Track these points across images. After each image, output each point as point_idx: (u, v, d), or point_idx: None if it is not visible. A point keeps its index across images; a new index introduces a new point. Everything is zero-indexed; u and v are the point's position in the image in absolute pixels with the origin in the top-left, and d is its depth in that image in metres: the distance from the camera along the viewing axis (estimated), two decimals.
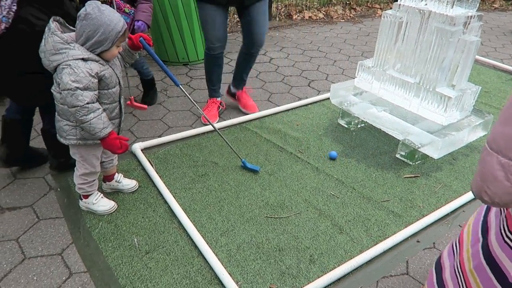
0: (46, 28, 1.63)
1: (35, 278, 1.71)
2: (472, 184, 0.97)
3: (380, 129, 2.84)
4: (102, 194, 2.07)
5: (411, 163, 2.53)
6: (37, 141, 2.60)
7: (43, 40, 1.64)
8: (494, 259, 1.05)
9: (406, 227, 2.02)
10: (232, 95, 3.16)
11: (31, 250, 1.84)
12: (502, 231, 1.03)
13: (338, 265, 1.79)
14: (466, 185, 2.34)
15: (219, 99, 3.07)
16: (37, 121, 2.28)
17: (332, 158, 2.55)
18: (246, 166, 2.39)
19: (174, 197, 2.13)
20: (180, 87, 2.21)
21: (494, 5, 6.81)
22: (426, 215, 2.09)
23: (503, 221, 1.04)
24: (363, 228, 2.01)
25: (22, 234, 1.92)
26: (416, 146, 2.45)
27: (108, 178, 2.15)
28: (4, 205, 2.09)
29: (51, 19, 1.66)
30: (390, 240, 1.92)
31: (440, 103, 2.46)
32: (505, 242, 1.01)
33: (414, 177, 2.42)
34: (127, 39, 1.86)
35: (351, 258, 1.82)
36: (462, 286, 1.16)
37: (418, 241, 1.96)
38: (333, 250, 1.88)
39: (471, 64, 2.47)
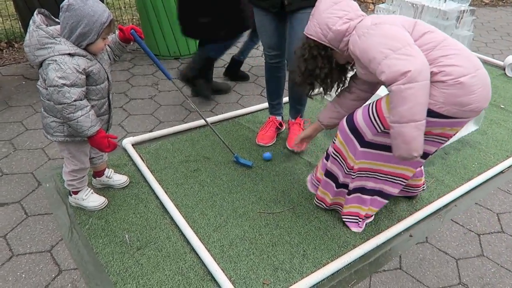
0: (31, 21, 1.58)
1: (23, 275, 1.67)
2: (399, 153, 1.56)
3: None
4: (92, 190, 2.04)
5: None
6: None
7: (27, 34, 1.59)
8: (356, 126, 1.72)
9: (398, 221, 2.02)
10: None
11: (19, 247, 1.80)
12: (370, 110, 1.68)
13: (332, 260, 1.78)
14: (458, 179, 2.35)
15: (278, 118, 2.69)
16: None
17: (267, 160, 2.44)
18: (239, 161, 2.37)
19: (165, 193, 2.10)
20: (172, 81, 2.18)
21: (485, 1, 6.85)
22: (419, 210, 2.10)
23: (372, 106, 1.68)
24: None
25: (10, 231, 1.88)
26: None
27: (98, 173, 2.12)
28: None
29: (36, 12, 1.60)
30: (383, 235, 1.92)
31: None
32: (369, 115, 1.68)
33: None
34: (117, 31, 1.82)
35: (345, 253, 1.81)
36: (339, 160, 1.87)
37: (411, 236, 1.96)
38: (327, 245, 1.88)
39: None
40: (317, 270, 1.72)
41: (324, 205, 2.04)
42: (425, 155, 1.77)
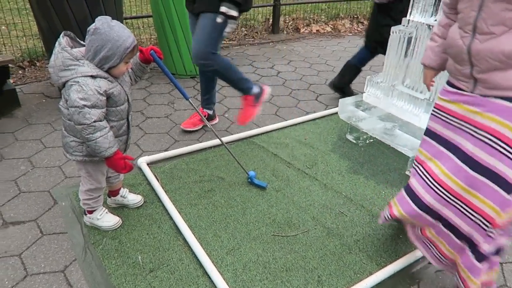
0: (57, 43, 1.62)
1: None
2: None
3: (389, 145, 2.81)
4: (107, 210, 2.04)
5: None
6: None
7: (53, 56, 1.63)
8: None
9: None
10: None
11: (34, 266, 1.81)
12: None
13: (347, 287, 1.74)
14: None
15: (206, 110, 3.02)
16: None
17: (252, 179, 2.37)
18: (253, 182, 2.35)
19: (179, 213, 2.09)
20: (189, 101, 2.20)
21: None
22: None
23: None
24: (372, 248, 1.96)
25: (25, 250, 1.89)
26: None
27: (113, 193, 2.13)
28: (8, 219, 2.07)
29: (62, 34, 1.65)
30: (401, 261, 1.86)
31: None
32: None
33: None
34: (138, 53, 1.85)
35: (361, 280, 1.76)
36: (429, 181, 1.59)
37: (430, 263, 1.90)
38: (342, 271, 1.83)
39: None
40: None
41: (389, 216, 1.77)
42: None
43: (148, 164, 2.50)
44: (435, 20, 2.50)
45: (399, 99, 2.71)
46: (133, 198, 2.17)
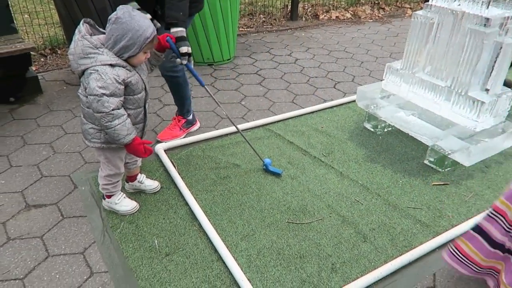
0: (77, 31, 1.64)
1: (57, 276, 1.73)
2: None
3: (408, 134, 2.76)
4: (125, 195, 2.09)
5: (440, 170, 2.43)
6: None
7: (72, 43, 1.65)
8: None
9: (434, 237, 1.93)
10: None
11: (55, 248, 1.87)
12: None
13: (361, 275, 1.73)
14: (499, 194, 2.23)
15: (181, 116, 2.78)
16: None
17: (267, 166, 2.37)
18: (268, 169, 2.36)
19: (195, 199, 2.12)
20: (205, 88, 2.20)
21: None
22: (456, 225, 2.00)
23: None
24: (388, 237, 1.94)
25: (47, 232, 1.96)
26: (446, 153, 2.35)
27: (131, 178, 2.17)
28: (31, 202, 2.14)
29: (82, 21, 1.67)
30: (416, 251, 1.84)
31: (472, 108, 2.35)
32: None
33: (443, 184, 2.32)
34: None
35: (375, 268, 1.76)
36: None
37: None
38: (356, 259, 1.82)
39: (507, 68, 2.35)
40: (346, 285, 1.67)
41: (474, 267, 1.60)
42: None
43: (165, 151, 2.53)
44: (459, 5, 2.42)
45: (419, 86, 2.65)
46: (150, 184, 2.20)
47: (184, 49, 2.02)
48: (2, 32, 3.07)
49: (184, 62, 2.05)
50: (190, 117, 2.78)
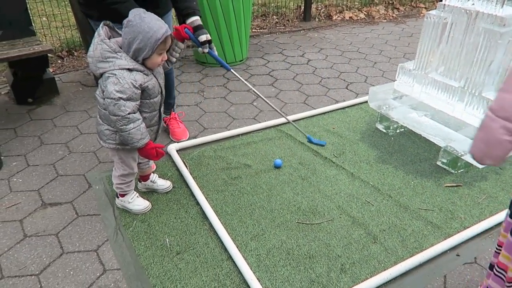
0: (96, 34, 1.67)
1: (71, 272, 1.78)
2: (473, 150, 1.06)
3: (420, 135, 2.73)
4: (137, 194, 2.12)
5: (453, 171, 2.41)
6: None
7: (92, 46, 1.68)
8: None
9: (445, 239, 1.92)
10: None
11: (69, 245, 1.92)
12: None
13: (371, 276, 1.73)
14: None
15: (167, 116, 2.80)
16: None
17: (277, 166, 2.43)
18: (312, 141, 2.41)
19: (206, 199, 2.14)
20: (231, 71, 2.20)
21: None
22: (468, 228, 1.98)
23: None
24: (398, 239, 1.93)
25: (62, 230, 2.01)
26: (459, 154, 2.33)
27: (144, 178, 2.20)
28: (47, 201, 2.20)
29: (101, 24, 1.70)
30: (427, 253, 1.83)
31: (486, 109, 2.31)
32: None
33: (456, 186, 2.29)
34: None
35: (385, 270, 1.75)
36: None
37: (458, 255, 1.86)
38: (366, 260, 1.82)
39: None
40: (355, 286, 1.67)
41: None
42: None
43: (177, 151, 2.56)
44: (473, 4, 2.39)
45: (432, 87, 2.62)
46: (162, 183, 2.24)
47: (203, 37, 2.05)
48: (21, 34, 3.15)
49: (206, 50, 2.08)
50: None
